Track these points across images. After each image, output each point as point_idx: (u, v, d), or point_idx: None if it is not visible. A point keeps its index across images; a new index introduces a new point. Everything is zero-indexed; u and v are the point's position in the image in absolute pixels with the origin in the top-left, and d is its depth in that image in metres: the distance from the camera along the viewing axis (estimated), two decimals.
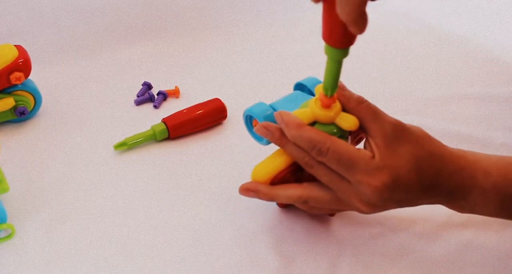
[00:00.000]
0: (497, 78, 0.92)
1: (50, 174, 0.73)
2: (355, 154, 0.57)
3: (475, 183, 0.59)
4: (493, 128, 0.82)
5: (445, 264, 0.64)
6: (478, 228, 0.68)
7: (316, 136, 0.58)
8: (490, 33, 1.03)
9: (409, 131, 0.59)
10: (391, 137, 0.58)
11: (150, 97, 0.85)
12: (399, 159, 0.57)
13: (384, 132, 0.58)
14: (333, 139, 0.58)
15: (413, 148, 0.58)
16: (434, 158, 0.59)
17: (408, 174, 0.57)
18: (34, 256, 0.64)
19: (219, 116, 0.82)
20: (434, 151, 0.59)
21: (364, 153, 0.57)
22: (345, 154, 0.57)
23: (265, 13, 1.06)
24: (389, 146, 0.57)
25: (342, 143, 0.58)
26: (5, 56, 0.76)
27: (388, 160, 0.57)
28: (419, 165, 0.58)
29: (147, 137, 0.78)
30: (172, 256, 0.64)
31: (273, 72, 0.93)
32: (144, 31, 1.00)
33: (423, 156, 0.58)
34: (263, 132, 0.62)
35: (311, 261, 0.64)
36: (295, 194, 0.61)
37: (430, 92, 0.89)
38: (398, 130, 0.58)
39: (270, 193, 0.62)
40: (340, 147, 0.57)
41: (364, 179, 0.57)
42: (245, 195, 0.63)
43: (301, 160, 0.60)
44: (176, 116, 0.80)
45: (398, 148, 0.58)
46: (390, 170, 0.57)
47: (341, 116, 0.60)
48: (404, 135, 0.58)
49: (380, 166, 0.57)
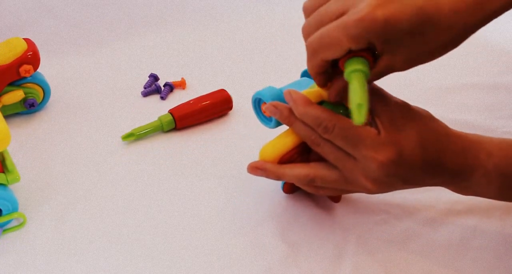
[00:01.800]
0: (501, 67, 0.92)
1: (59, 164, 0.74)
2: (361, 130, 0.58)
3: (478, 163, 0.59)
4: (497, 117, 0.82)
5: (449, 250, 0.65)
6: (481, 215, 0.68)
7: (322, 113, 0.59)
8: (494, 22, 1.02)
9: (414, 111, 0.60)
10: (396, 115, 0.58)
11: (157, 88, 0.86)
12: (404, 135, 0.58)
13: (389, 111, 0.59)
14: (339, 116, 0.58)
15: (418, 126, 0.58)
16: (438, 137, 0.59)
17: (412, 150, 0.58)
18: (45, 244, 0.65)
19: (225, 107, 0.82)
20: (439, 131, 0.60)
21: (369, 130, 0.58)
22: (351, 130, 0.58)
23: (272, 3, 1.06)
24: (394, 124, 0.58)
25: (348, 120, 0.58)
26: (14, 49, 0.77)
27: (393, 136, 0.57)
28: (424, 142, 0.58)
29: (154, 127, 0.79)
30: (180, 241, 0.65)
31: (279, 63, 0.93)
32: (150, 23, 1.00)
33: (427, 134, 0.59)
34: (272, 111, 0.62)
35: (316, 248, 0.65)
36: (302, 172, 0.62)
37: (433, 82, 0.89)
38: (403, 110, 0.59)
39: (278, 171, 0.62)
40: (346, 123, 0.58)
41: (370, 154, 0.57)
42: (253, 174, 0.63)
43: (308, 138, 0.61)
44: (183, 107, 0.80)
45: (403, 126, 0.58)
46: (395, 145, 0.57)
47: None
48: (410, 114, 0.59)
49: (386, 141, 0.57)
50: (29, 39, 0.79)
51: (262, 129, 0.79)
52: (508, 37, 0.98)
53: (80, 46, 0.95)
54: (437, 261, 0.64)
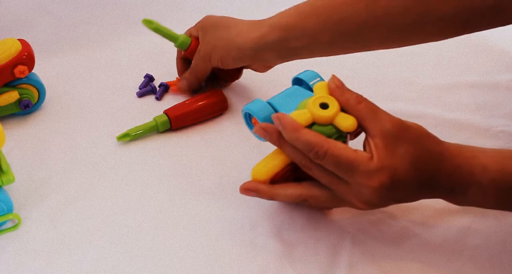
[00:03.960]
0: (495, 66, 0.92)
1: (54, 165, 0.74)
2: (353, 156, 0.57)
3: (473, 179, 0.59)
4: (492, 116, 0.82)
5: (444, 249, 0.65)
6: (476, 214, 0.68)
7: (313, 139, 0.58)
8: None
9: (408, 130, 0.59)
10: (390, 136, 0.58)
11: (152, 89, 0.86)
12: (398, 158, 0.57)
13: (383, 132, 0.58)
14: (330, 142, 0.58)
15: (411, 147, 0.58)
16: (432, 156, 0.59)
17: (406, 173, 0.57)
18: (40, 245, 0.65)
19: (220, 108, 0.82)
20: (433, 149, 0.59)
21: (362, 155, 0.57)
22: (342, 156, 0.57)
23: (266, 4, 1.06)
24: (387, 146, 0.57)
25: (339, 145, 0.58)
26: (9, 50, 0.76)
27: (386, 160, 0.57)
28: (417, 163, 0.58)
29: (150, 128, 0.79)
30: (174, 243, 0.65)
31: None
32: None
33: (421, 155, 0.58)
34: (262, 133, 0.62)
35: (312, 248, 0.65)
36: (295, 193, 0.62)
37: (428, 80, 0.89)
38: (397, 130, 0.58)
39: (270, 192, 0.62)
40: (337, 149, 0.57)
41: (363, 181, 0.57)
42: (245, 195, 0.63)
43: (299, 162, 0.60)
44: (178, 107, 0.80)
45: (397, 147, 0.57)
46: (389, 170, 0.57)
47: (339, 116, 0.59)
48: (403, 134, 0.58)
49: (379, 167, 0.57)
50: (23, 40, 0.79)
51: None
52: (503, 36, 0.98)
53: (75, 46, 0.95)
54: (433, 260, 0.64)
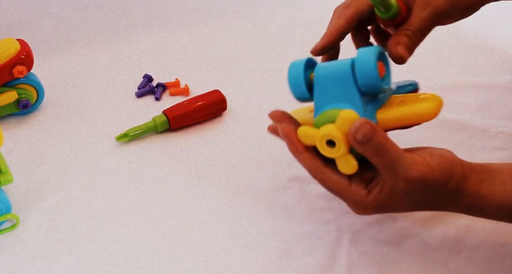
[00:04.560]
0: (495, 66, 0.92)
1: (53, 165, 0.74)
2: (345, 191, 0.57)
3: (485, 215, 0.59)
4: (491, 117, 0.82)
5: (443, 250, 0.65)
6: None
7: (309, 168, 0.58)
8: (488, 21, 1.03)
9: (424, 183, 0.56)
10: (400, 191, 0.56)
11: (151, 89, 0.86)
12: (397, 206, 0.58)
13: (394, 185, 0.56)
14: (325, 173, 0.57)
15: (418, 196, 0.57)
16: (440, 200, 0.58)
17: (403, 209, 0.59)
18: (40, 245, 0.65)
19: (219, 108, 0.82)
20: (443, 196, 0.57)
21: (356, 191, 0.57)
22: (335, 189, 0.57)
23: (264, 4, 1.06)
24: (393, 196, 0.56)
25: (334, 178, 0.57)
26: (8, 50, 0.77)
27: (382, 205, 0.57)
28: (418, 206, 0.58)
29: (148, 128, 0.79)
30: (173, 243, 0.65)
31: (273, 63, 0.93)
32: (144, 24, 1.00)
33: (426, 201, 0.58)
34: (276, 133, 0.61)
35: (311, 248, 0.65)
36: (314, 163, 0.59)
37: (427, 81, 0.88)
38: (409, 186, 0.56)
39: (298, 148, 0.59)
40: (331, 182, 0.57)
41: (353, 209, 0.59)
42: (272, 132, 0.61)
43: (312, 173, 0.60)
44: (177, 108, 0.80)
45: (402, 198, 0.57)
46: (380, 209, 0.58)
47: (342, 159, 0.56)
48: (416, 189, 0.56)
49: (372, 206, 0.57)
50: (22, 40, 0.80)
51: (256, 130, 0.79)
52: (503, 37, 0.98)
53: (74, 47, 0.95)
54: (432, 261, 0.64)
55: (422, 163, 0.55)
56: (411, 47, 0.61)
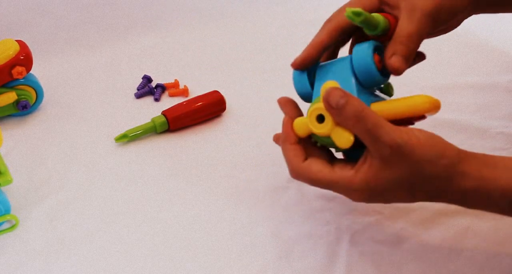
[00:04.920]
0: (495, 67, 0.92)
1: (52, 166, 0.74)
2: (330, 177, 0.56)
3: (490, 202, 0.56)
4: (491, 117, 0.82)
5: (442, 251, 0.65)
6: (474, 215, 0.68)
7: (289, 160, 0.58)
8: (488, 21, 1.03)
9: (412, 153, 0.54)
10: (388, 160, 0.54)
11: (150, 90, 0.86)
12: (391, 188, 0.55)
13: (381, 155, 0.54)
14: (305, 167, 0.57)
15: (409, 172, 0.54)
16: (436, 180, 0.55)
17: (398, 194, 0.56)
18: (40, 245, 0.65)
19: (218, 109, 0.82)
20: (438, 174, 0.55)
21: (341, 175, 0.56)
22: (319, 179, 0.57)
23: (264, 4, 1.06)
24: (383, 172, 0.54)
25: (314, 169, 0.57)
26: (7, 51, 0.77)
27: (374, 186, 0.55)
28: (413, 188, 0.55)
29: (148, 129, 0.79)
30: (172, 243, 0.65)
31: (272, 63, 0.93)
32: (144, 25, 1.00)
33: (420, 181, 0.55)
34: None
35: (310, 249, 0.65)
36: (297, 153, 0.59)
37: (427, 81, 0.89)
38: (396, 154, 0.53)
39: None
40: (312, 174, 0.57)
41: (344, 194, 0.57)
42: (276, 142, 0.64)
43: None
44: (176, 108, 0.80)
45: (393, 176, 0.54)
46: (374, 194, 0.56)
47: (335, 131, 0.56)
48: (403, 158, 0.54)
49: (363, 187, 0.55)
50: (21, 40, 0.80)
51: (256, 131, 0.79)
52: (503, 37, 0.98)
53: (73, 47, 0.95)
54: (430, 261, 0.64)
55: (407, 132, 0.54)
56: (407, 54, 0.59)
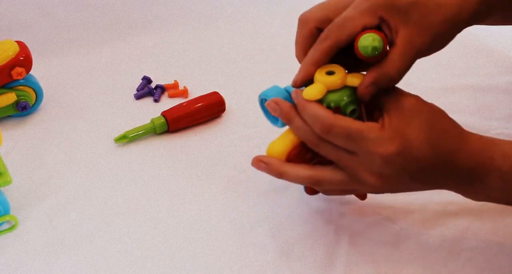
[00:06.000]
0: (494, 68, 0.92)
1: (52, 166, 0.74)
2: (362, 126, 0.56)
3: (493, 164, 0.57)
4: (490, 119, 0.82)
5: (442, 251, 0.65)
6: (474, 216, 0.68)
7: (320, 112, 0.57)
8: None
9: (426, 106, 0.58)
10: (405, 110, 0.56)
11: (149, 91, 0.86)
12: (412, 132, 0.56)
13: (398, 107, 0.57)
14: (338, 116, 0.57)
15: (428, 123, 0.56)
16: (451, 135, 0.57)
17: (420, 144, 0.55)
18: (40, 245, 0.65)
19: (217, 110, 0.82)
20: (451, 129, 0.58)
21: (371, 124, 0.56)
22: (351, 127, 0.56)
23: (264, 4, 1.06)
24: (402, 119, 0.56)
25: (346, 118, 0.57)
26: (6, 51, 0.77)
27: (399, 130, 0.55)
28: (434, 139, 0.56)
29: (147, 129, 0.79)
30: (172, 244, 0.65)
31: (272, 65, 0.93)
32: (144, 26, 1.00)
33: (438, 132, 0.57)
34: (273, 107, 0.61)
35: (309, 250, 0.65)
36: (305, 174, 0.59)
37: (428, 82, 0.89)
38: (413, 105, 0.57)
39: (280, 168, 0.60)
40: (345, 121, 0.56)
41: (373, 149, 0.55)
42: (255, 166, 0.61)
43: (306, 138, 0.59)
44: (175, 109, 0.80)
45: (413, 120, 0.56)
46: (400, 138, 0.55)
47: (349, 77, 0.59)
48: (420, 109, 0.57)
49: (390, 135, 0.55)
50: (21, 41, 0.80)
51: (255, 131, 0.79)
52: (503, 38, 0.98)
53: (73, 48, 0.95)
54: (430, 262, 0.64)
55: None
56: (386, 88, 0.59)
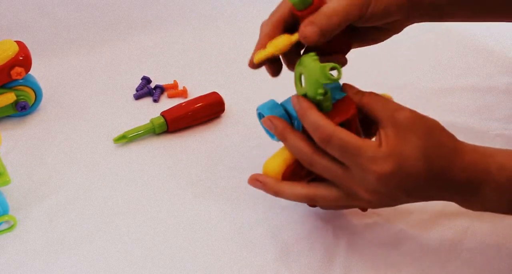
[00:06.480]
0: (494, 69, 0.92)
1: (51, 167, 0.74)
2: (360, 142, 0.56)
3: (489, 177, 0.57)
4: (489, 119, 0.82)
5: (440, 252, 0.65)
6: (473, 217, 0.68)
7: (321, 121, 0.57)
8: (487, 23, 1.03)
9: (422, 120, 0.58)
10: (401, 126, 0.57)
11: (149, 91, 0.86)
12: (408, 148, 0.56)
13: (394, 122, 0.57)
14: (338, 128, 0.57)
15: (423, 138, 0.56)
16: (446, 149, 0.57)
17: (415, 161, 0.56)
18: (40, 245, 0.65)
19: (217, 110, 0.82)
20: (446, 143, 0.58)
21: (369, 142, 0.56)
22: (349, 141, 0.56)
23: (264, 4, 1.06)
24: (398, 135, 0.56)
25: (346, 131, 0.57)
26: (6, 51, 0.77)
27: (395, 148, 0.56)
28: (429, 155, 0.56)
29: (146, 130, 0.79)
30: (171, 245, 0.65)
31: None
32: (143, 26, 1.00)
33: (433, 147, 0.57)
34: (268, 125, 0.62)
35: (307, 250, 0.65)
36: (301, 192, 0.61)
37: (426, 83, 0.89)
38: (409, 120, 0.57)
39: (276, 186, 0.61)
40: (344, 134, 0.56)
41: (369, 166, 0.56)
42: (252, 185, 0.63)
43: (300, 156, 0.60)
44: (175, 109, 0.80)
45: (408, 137, 0.56)
46: (396, 158, 0.56)
47: None
48: (416, 125, 0.57)
49: (387, 154, 0.55)
50: (20, 41, 0.79)
51: (255, 132, 0.79)
52: (502, 38, 0.99)
53: (72, 48, 0.95)
54: (429, 263, 0.64)
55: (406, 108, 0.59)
56: (325, 27, 0.58)
